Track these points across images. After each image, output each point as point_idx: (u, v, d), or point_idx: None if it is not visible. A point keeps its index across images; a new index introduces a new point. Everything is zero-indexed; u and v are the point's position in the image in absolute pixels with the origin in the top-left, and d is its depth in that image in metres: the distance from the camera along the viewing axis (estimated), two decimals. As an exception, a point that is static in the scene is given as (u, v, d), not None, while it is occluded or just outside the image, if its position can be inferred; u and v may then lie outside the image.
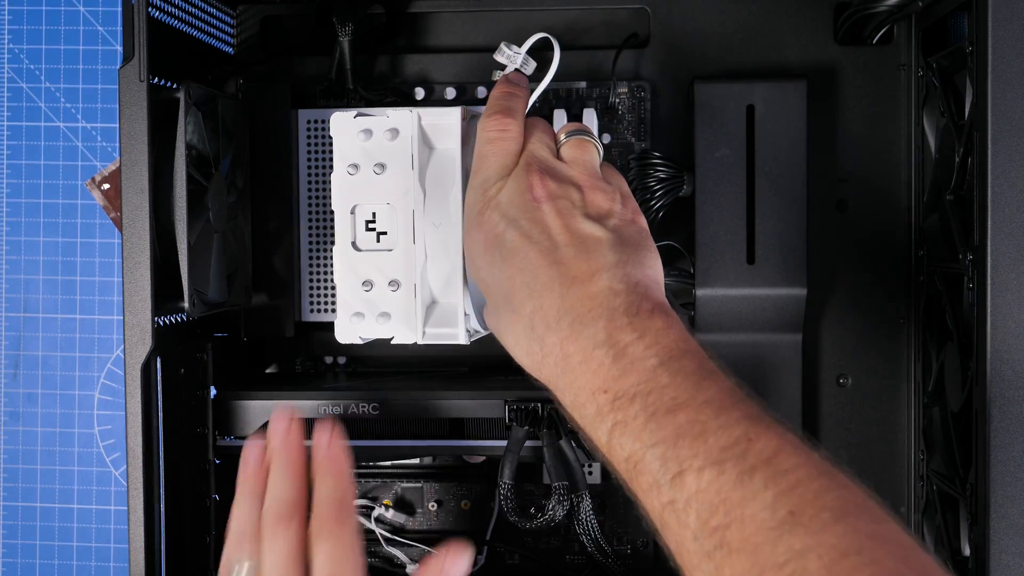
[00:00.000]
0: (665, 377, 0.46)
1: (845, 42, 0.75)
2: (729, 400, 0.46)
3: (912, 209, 0.75)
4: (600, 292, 0.51)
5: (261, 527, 0.55)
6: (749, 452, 0.43)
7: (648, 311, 0.49)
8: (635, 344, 0.48)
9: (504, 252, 0.54)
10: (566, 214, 0.54)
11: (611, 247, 0.53)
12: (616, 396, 0.47)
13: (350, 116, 0.63)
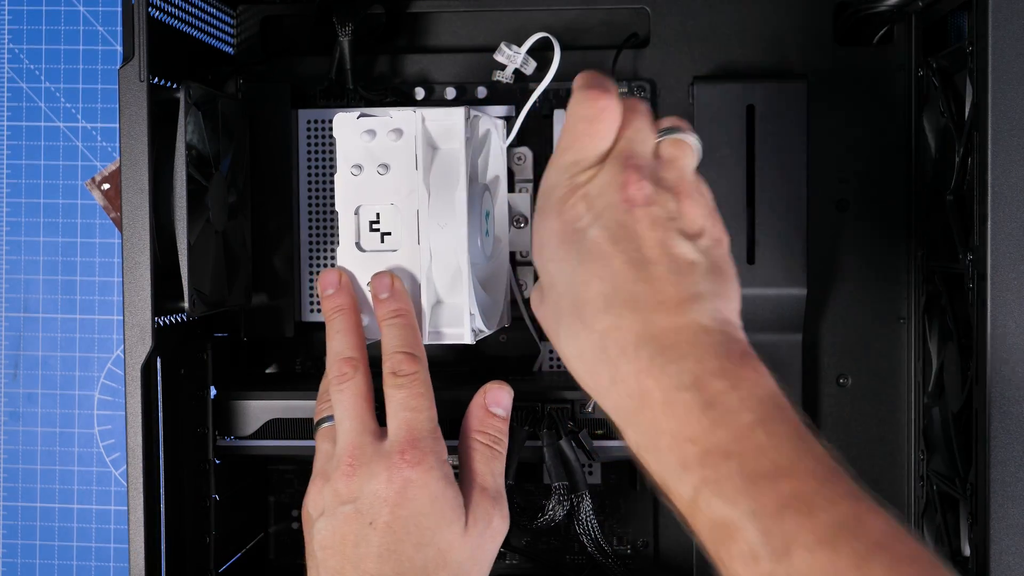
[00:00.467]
0: (763, 437, 0.42)
1: (845, 42, 0.75)
2: (830, 471, 0.42)
3: (912, 209, 0.75)
4: (689, 326, 0.46)
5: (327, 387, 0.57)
6: (862, 533, 0.40)
7: (739, 356, 0.45)
8: (727, 394, 0.43)
9: (583, 250, 0.49)
10: (661, 226, 0.49)
11: (705, 275, 0.48)
12: (707, 451, 0.43)
13: (353, 116, 0.63)
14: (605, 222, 0.49)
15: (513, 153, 0.74)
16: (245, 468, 0.74)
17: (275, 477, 0.78)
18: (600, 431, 0.67)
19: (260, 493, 0.78)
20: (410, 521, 0.55)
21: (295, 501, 0.78)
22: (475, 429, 0.61)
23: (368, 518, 0.55)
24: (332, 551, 0.55)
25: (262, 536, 0.77)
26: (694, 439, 0.43)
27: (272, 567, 0.78)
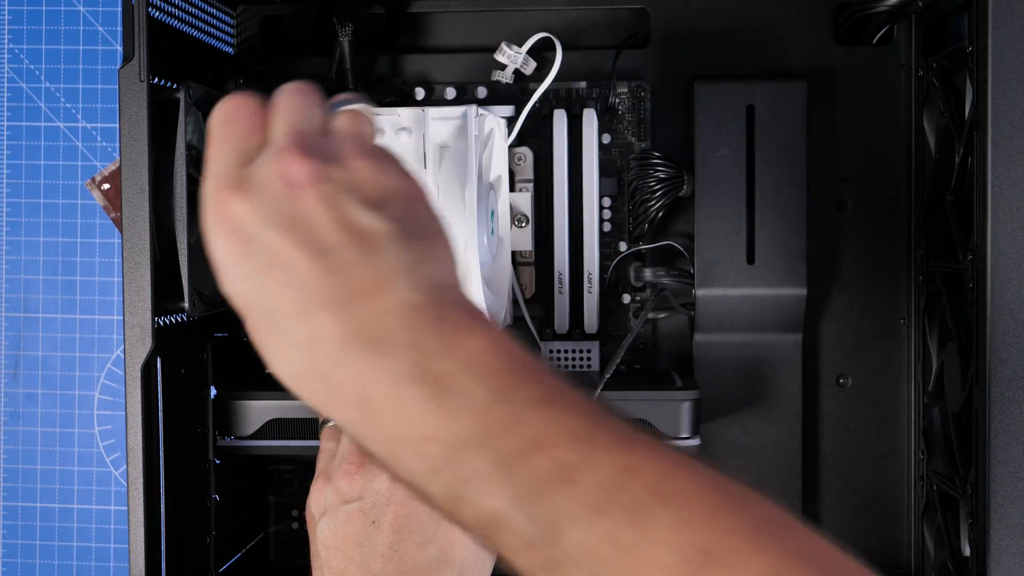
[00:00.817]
0: (503, 412, 0.37)
1: (845, 42, 0.75)
2: (592, 424, 0.37)
3: (912, 209, 0.75)
4: (394, 307, 0.39)
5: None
6: (633, 485, 0.36)
7: (460, 327, 0.39)
8: (455, 374, 0.38)
9: (260, 259, 0.41)
10: (335, 203, 0.41)
11: (399, 243, 0.41)
12: (450, 446, 0.37)
13: None
14: (273, 219, 0.41)
15: (513, 153, 0.74)
16: (245, 468, 0.74)
17: (275, 477, 0.78)
18: (600, 431, 0.67)
19: (260, 493, 0.78)
20: (413, 519, 0.55)
21: (295, 501, 0.78)
22: None
23: (371, 517, 0.55)
24: (335, 551, 0.55)
25: (262, 536, 0.77)
26: (433, 436, 0.38)
27: (272, 567, 0.78)
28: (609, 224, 0.75)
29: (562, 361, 0.75)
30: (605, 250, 0.75)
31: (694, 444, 0.67)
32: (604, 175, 0.75)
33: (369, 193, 0.42)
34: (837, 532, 0.76)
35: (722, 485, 0.37)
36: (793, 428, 0.73)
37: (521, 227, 0.73)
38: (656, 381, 0.71)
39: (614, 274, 0.75)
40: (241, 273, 0.42)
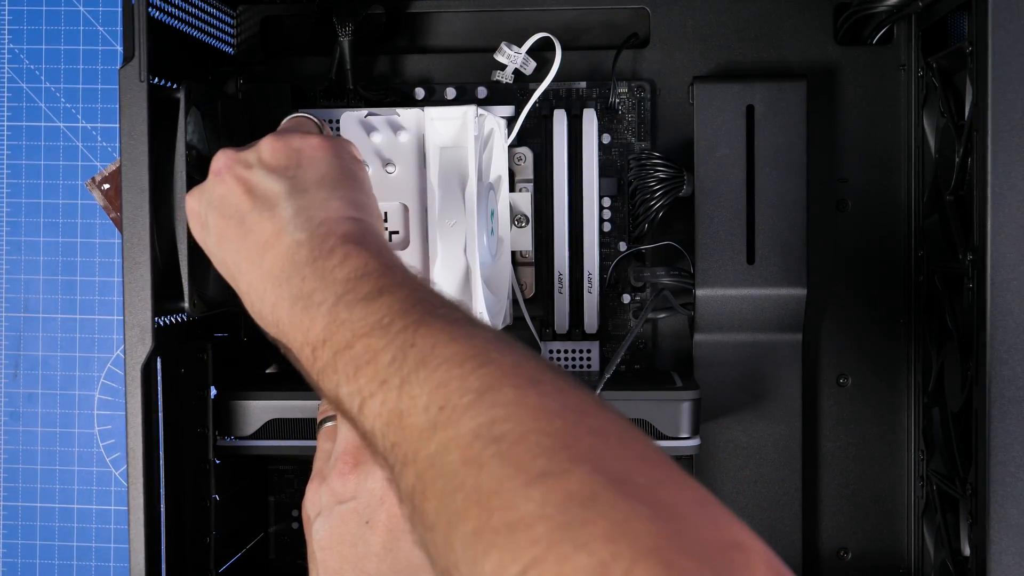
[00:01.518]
0: (343, 312, 0.44)
1: (845, 42, 0.75)
2: (401, 309, 0.43)
3: (912, 209, 0.75)
4: (287, 249, 0.49)
5: None
6: (409, 358, 0.40)
7: (329, 250, 0.47)
8: (320, 289, 0.46)
9: (214, 240, 0.53)
10: (243, 177, 0.53)
11: (289, 197, 0.51)
12: (313, 347, 0.45)
13: (360, 115, 0.64)
14: (209, 203, 0.54)
15: (513, 153, 0.74)
16: (245, 468, 0.74)
17: (275, 477, 0.78)
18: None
19: (260, 493, 0.78)
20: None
21: (295, 501, 0.78)
22: None
23: (365, 517, 0.55)
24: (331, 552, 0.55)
25: (262, 536, 0.77)
26: (306, 341, 0.46)
27: (272, 567, 0.78)
28: (609, 224, 0.75)
29: (562, 361, 0.75)
30: (605, 250, 0.75)
31: (694, 444, 0.67)
32: (604, 175, 0.75)
33: (270, 162, 0.53)
34: (837, 532, 0.76)
35: (480, 344, 0.39)
36: (793, 428, 0.73)
37: (521, 227, 0.73)
38: (656, 381, 0.71)
39: (614, 274, 0.75)
40: (209, 249, 0.54)
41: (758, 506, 0.73)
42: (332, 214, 0.50)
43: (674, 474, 0.35)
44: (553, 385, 0.38)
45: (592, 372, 0.75)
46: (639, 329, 0.72)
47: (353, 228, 0.50)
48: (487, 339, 0.40)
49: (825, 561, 0.76)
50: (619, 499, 0.32)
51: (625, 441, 0.36)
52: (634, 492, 0.33)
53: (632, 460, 0.35)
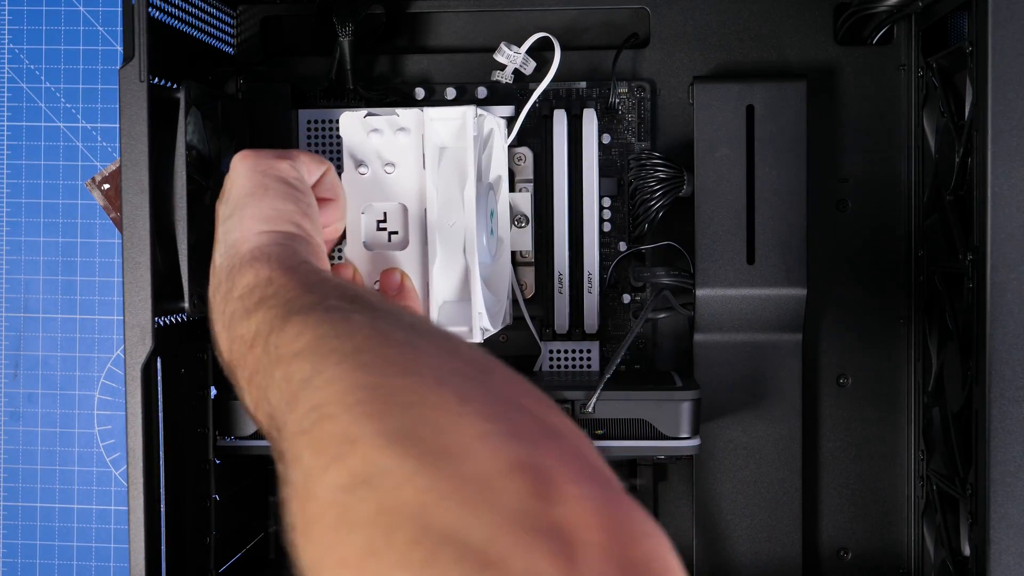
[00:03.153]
0: (237, 327, 0.48)
1: (845, 42, 0.75)
2: (271, 316, 0.46)
3: (912, 209, 0.75)
4: (216, 266, 0.54)
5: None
6: (270, 362, 0.44)
7: (233, 270, 0.51)
8: (233, 299, 0.50)
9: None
10: (218, 204, 0.58)
11: (221, 224, 0.56)
12: (233, 364, 0.49)
13: (360, 116, 0.63)
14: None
15: (513, 153, 0.74)
16: (245, 468, 0.74)
17: (275, 477, 0.78)
18: (600, 431, 0.67)
19: (260, 493, 0.77)
20: None
21: (295, 501, 0.78)
22: None
23: None
24: None
25: (262, 536, 0.77)
26: (228, 359, 0.50)
27: (272, 567, 0.78)
28: (609, 224, 0.75)
29: (562, 361, 0.75)
30: (605, 250, 0.75)
31: (694, 444, 0.67)
32: (604, 175, 0.75)
33: (224, 195, 0.58)
34: (837, 532, 0.76)
35: (326, 342, 0.41)
36: (793, 428, 0.73)
37: (521, 227, 0.73)
38: (656, 381, 0.71)
39: (614, 274, 0.75)
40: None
41: (758, 506, 0.73)
42: (243, 233, 0.54)
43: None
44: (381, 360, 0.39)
45: (592, 372, 0.75)
46: (639, 329, 0.72)
47: (256, 243, 0.53)
48: (335, 328, 0.42)
49: (825, 561, 0.76)
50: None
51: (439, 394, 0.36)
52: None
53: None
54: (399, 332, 0.40)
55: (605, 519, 0.31)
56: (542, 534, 0.30)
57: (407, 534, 0.31)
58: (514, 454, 0.32)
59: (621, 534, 0.31)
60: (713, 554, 0.73)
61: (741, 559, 0.73)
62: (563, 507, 0.31)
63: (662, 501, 0.76)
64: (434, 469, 0.32)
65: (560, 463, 0.33)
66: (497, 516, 0.31)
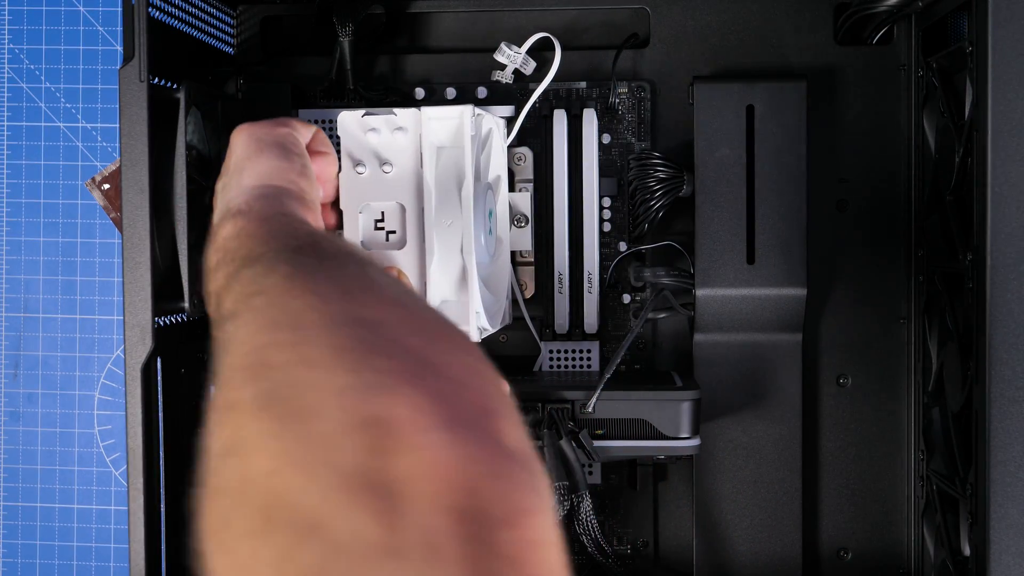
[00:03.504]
0: (223, 259, 0.48)
1: (845, 42, 0.75)
2: (243, 259, 0.46)
3: (912, 209, 0.75)
4: (214, 222, 0.54)
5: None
6: (234, 293, 0.44)
7: (227, 221, 0.51)
8: (222, 264, 0.49)
9: None
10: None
11: (219, 198, 0.57)
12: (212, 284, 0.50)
13: (358, 115, 0.64)
14: None
15: (513, 153, 0.74)
16: (245, 468, 0.74)
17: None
18: (600, 431, 0.67)
19: (260, 493, 0.77)
20: None
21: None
22: None
23: None
24: None
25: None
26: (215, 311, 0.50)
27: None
28: (609, 224, 0.75)
29: (562, 361, 0.75)
30: (605, 250, 0.75)
31: (694, 444, 0.67)
32: (604, 175, 0.75)
33: (224, 169, 0.59)
34: (837, 532, 0.76)
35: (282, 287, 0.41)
36: (793, 428, 0.73)
37: (521, 227, 0.73)
38: (656, 381, 0.71)
39: (614, 274, 0.75)
40: None
41: (758, 506, 0.73)
42: (236, 191, 0.55)
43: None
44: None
45: (592, 372, 0.75)
46: (639, 329, 0.72)
47: (245, 198, 0.53)
48: (258, 283, 0.41)
49: (825, 561, 0.76)
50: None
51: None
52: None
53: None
54: (318, 282, 0.40)
55: (444, 468, 0.30)
56: (370, 491, 0.29)
57: (255, 502, 0.30)
58: (365, 408, 0.31)
59: (462, 483, 0.30)
60: (713, 554, 0.73)
61: (741, 559, 0.73)
62: (400, 459, 0.30)
63: (662, 501, 0.76)
64: (286, 432, 0.31)
65: (416, 412, 0.31)
66: (332, 477, 0.30)
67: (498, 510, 0.30)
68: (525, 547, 0.30)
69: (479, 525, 0.29)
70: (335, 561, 0.28)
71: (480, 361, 0.37)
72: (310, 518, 0.29)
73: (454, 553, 0.28)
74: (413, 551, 0.28)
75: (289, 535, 0.29)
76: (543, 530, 0.31)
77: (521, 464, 0.32)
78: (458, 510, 0.29)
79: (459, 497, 0.30)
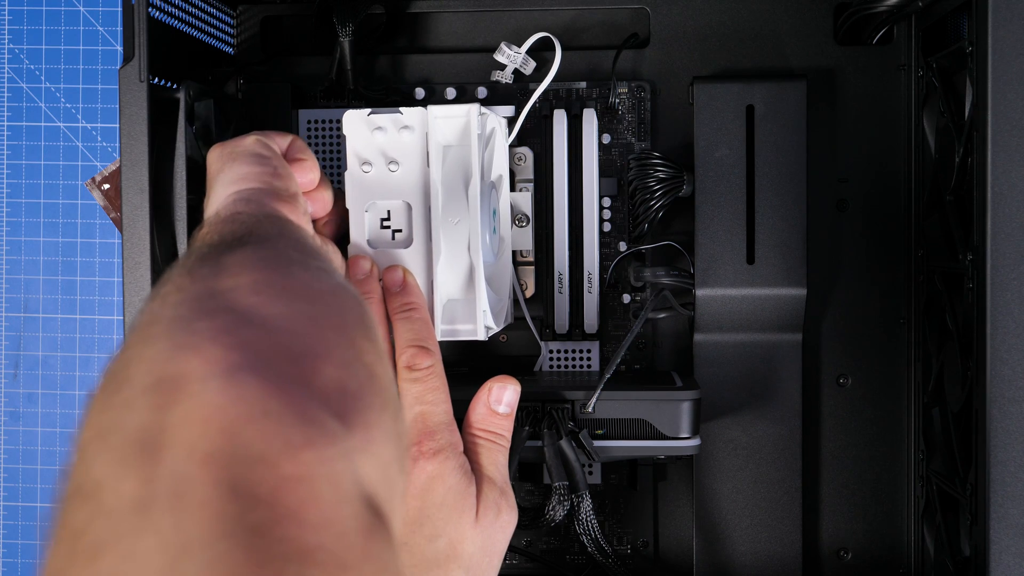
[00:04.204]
0: (201, 255, 0.47)
1: (845, 42, 0.75)
2: (221, 255, 0.45)
3: (912, 209, 0.75)
4: (201, 232, 0.54)
5: None
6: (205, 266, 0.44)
7: (210, 229, 0.50)
8: (200, 250, 0.48)
9: None
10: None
11: (207, 206, 0.56)
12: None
13: (363, 114, 0.64)
14: None
15: (513, 153, 0.74)
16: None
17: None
18: (600, 431, 0.67)
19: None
20: (423, 513, 0.55)
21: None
22: (477, 426, 0.61)
23: None
24: None
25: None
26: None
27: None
28: (609, 224, 0.75)
29: (562, 361, 0.75)
30: (605, 250, 0.75)
31: (694, 444, 0.67)
32: (604, 175, 0.75)
33: (210, 172, 0.57)
34: (837, 532, 0.76)
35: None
36: (793, 428, 0.73)
37: (521, 227, 0.73)
38: (656, 381, 0.71)
39: (614, 274, 0.75)
40: None
41: (758, 506, 0.73)
42: (213, 202, 0.55)
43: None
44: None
45: (592, 372, 0.75)
46: (639, 329, 0.72)
47: (220, 205, 0.53)
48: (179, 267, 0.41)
49: (825, 561, 0.76)
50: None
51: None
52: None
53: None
54: (204, 264, 0.40)
55: (209, 413, 0.29)
56: (135, 448, 0.29)
57: (73, 476, 0.30)
58: (162, 369, 0.31)
59: (221, 426, 0.29)
60: (713, 554, 0.73)
61: (741, 559, 0.73)
62: (172, 411, 0.30)
63: (662, 501, 0.76)
64: (101, 404, 0.32)
65: (205, 364, 0.31)
66: (117, 439, 0.30)
67: (255, 449, 0.29)
68: (280, 484, 0.28)
69: (228, 468, 0.28)
70: (96, 518, 0.28)
71: (331, 307, 0.36)
72: (90, 484, 0.29)
73: (194, 500, 0.27)
74: (157, 502, 0.28)
75: (74, 502, 0.29)
76: (313, 464, 0.29)
77: (316, 401, 0.31)
78: (210, 455, 0.29)
79: (214, 441, 0.29)
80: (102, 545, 0.27)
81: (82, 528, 0.28)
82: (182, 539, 0.27)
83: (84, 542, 0.28)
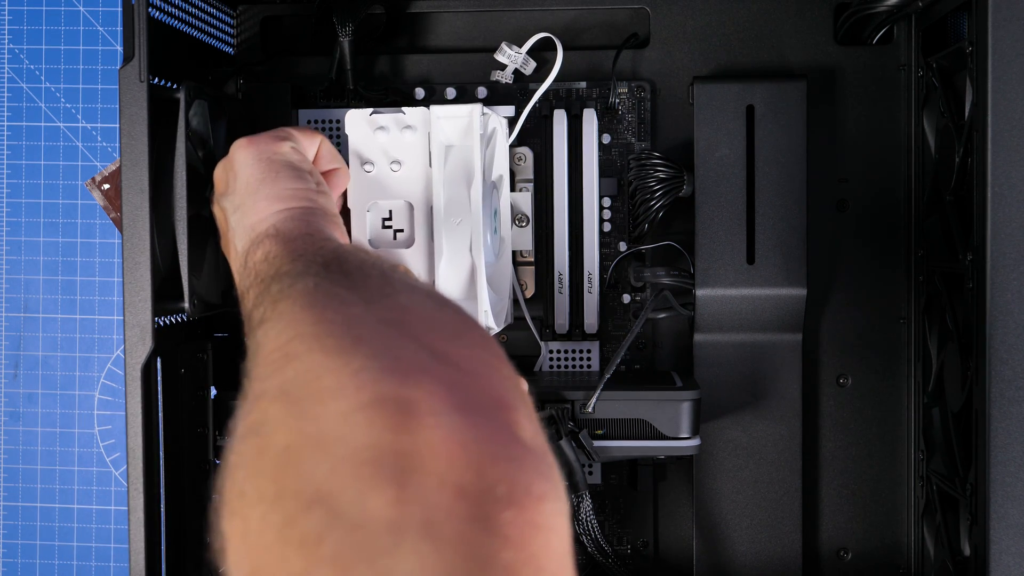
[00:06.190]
0: (254, 279, 0.49)
1: (845, 42, 0.75)
2: (282, 285, 0.46)
3: (912, 209, 0.75)
4: (236, 258, 0.55)
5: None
6: (271, 316, 0.45)
7: (254, 245, 0.52)
8: (253, 286, 0.50)
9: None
10: (215, 209, 0.61)
11: (232, 214, 0.57)
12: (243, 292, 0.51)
13: (365, 114, 0.64)
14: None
15: (514, 153, 0.74)
16: (245, 468, 0.74)
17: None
18: (600, 431, 0.67)
19: (260, 493, 0.77)
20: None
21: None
22: None
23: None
24: None
25: (262, 536, 0.77)
26: (242, 289, 0.52)
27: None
28: (609, 224, 0.75)
29: (562, 361, 0.75)
30: (605, 250, 0.75)
31: (694, 444, 0.67)
32: (604, 175, 0.75)
33: (218, 189, 0.60)
34: (837, 532, 0.76)
35: (311, 311, 0.41)
36: (793, 428, 0.73)
37: (521, 227, 0.73)
38: (656, 381, 0.71)
39: (614, 274, 0.75)
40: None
41: (758, 506, 0.73)
42: (259, 215, 0.55)
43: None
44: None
45: (592, 372, 0.75)
46: (639, 329, 0.72)
47: (272, 222, 0.54)
48: (287, 293, 0.42)
49: (825, 561, 0.76)
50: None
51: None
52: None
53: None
54: (341, 289, 0.41)
55: (457, 448, 0.30)
56: (377, 466, 0.30)
57: (269, 473, 0.31)
58: (381, 388, 0.32)
59: (470, 463, 0.30)
60: (713, 554, 0.73)
61: (741, 559, 0.73)
62: (413, 437, 0.30)
63: (662, 501, 0.76)
64: (304, 411, 0.32)
65: (432, 395, 0.32)
66: (343, 450, 0.30)
67: (503, 490, 0.30)
68: (527, 529, 0.30)
69: (481, 504, 0.29)
70: (335, 528, 0.29)
71: (497, 357, 0.38)
72: (318, 488, 0.30)
73: (452, 530, 0.28)
74: (411, 526, 0.28)
75: (297, 502, 0.30)
76: (550, 516, 0.30)
77: (534, 453, 0.32)
78: (462, 488, 0.29)
79: (465, 475, 0.30)
80: (353, 560, 0.28)
81: (318, 535, 0.29)
82: (444, 568, 0.28)
83: (325, 551, 0.28)
